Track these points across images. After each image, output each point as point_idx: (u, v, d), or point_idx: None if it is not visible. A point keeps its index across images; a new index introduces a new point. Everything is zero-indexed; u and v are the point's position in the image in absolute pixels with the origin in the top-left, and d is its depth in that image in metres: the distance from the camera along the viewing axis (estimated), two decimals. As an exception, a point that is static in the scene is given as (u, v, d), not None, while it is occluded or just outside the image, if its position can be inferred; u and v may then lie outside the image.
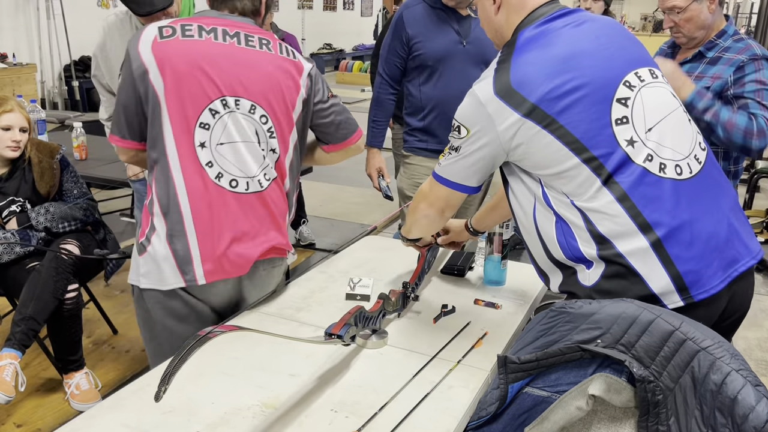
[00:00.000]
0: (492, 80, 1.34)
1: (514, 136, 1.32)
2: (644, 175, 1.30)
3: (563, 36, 1.36)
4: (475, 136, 1.37)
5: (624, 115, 1.32)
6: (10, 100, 2.53)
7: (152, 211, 1.63)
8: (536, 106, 1.29)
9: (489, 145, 1.37)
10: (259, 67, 1.62)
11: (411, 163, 2.81)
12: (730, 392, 1.07)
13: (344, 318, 1.38)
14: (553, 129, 1.30)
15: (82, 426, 1.26)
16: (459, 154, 1.42)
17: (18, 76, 7.07)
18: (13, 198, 2.53)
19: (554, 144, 1.30)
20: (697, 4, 2.17)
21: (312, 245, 4.36)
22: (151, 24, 1.62)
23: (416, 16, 2.60)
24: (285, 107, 1.67)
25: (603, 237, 1.31)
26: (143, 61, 1.56)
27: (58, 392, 2.61)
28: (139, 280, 1.66)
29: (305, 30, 12.73)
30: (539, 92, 1.30)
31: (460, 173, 1.45)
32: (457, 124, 1.41)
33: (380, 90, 2.75)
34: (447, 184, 1.48)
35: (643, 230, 1.29)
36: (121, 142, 1.67)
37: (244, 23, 1.65)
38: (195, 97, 1.57)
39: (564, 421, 1.19)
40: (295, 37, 4.22)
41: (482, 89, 1.35)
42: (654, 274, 1.29)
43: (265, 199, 1.67)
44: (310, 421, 1.27)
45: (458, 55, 2.59)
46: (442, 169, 1.48)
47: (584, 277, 1.35)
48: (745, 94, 2.12)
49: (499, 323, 1.68)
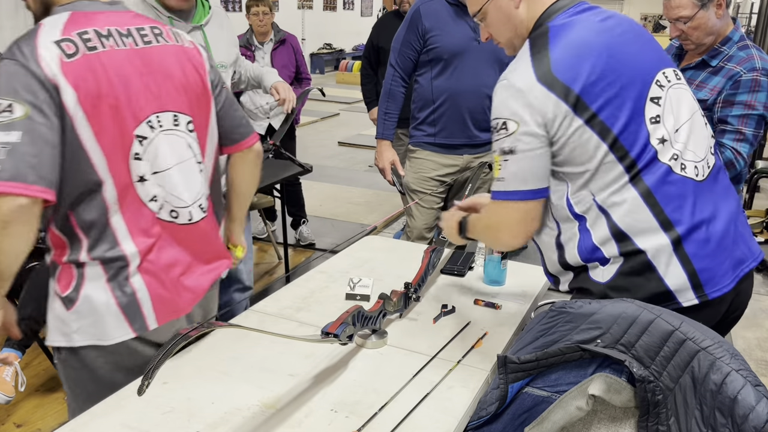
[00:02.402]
0: (531, 68, 1.28)
1: (559, 127, 1.28)
2: (668, 173, 1.32)
3: (595, 29, 1.34)
4: (527, 126, 1.28)
5: (657, 114, 1.33)
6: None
7: (78, 259, 1.37)
8: (579, 97, 1.26)
9: (540, 137, 1.29)
10: (163, 66, 1.41)
11: (418, 158, 2.81)
12: (730, 392, 1.07)
13: (342, 317, 1.37)
14: (594, 124, 1.28)
15: (82, 426, 1.26)
16: (517, 154, 1.29)
17: (18, 76, 7.06)
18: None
19: (593, 140, 1.28)
20: (704, 11, 2.12)
21: (312, 245, 4.36)
22: (40, 35, 1.27)
23: (433, 10, 2.62)
24: (201, 102, 1.48)
25: (624, 234, 1.31)
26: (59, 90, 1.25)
27: (58, 392, 2.61)
28: (71, 337, 1.39)
29: (305, 30, 12.73)
30: (581, 81, 1.26)
31: (531, 174, 1.31)
32: (501, 122, 1.30)
33: (393, 82, 2.75)
34: (521, 196, 1.32)
35: (664, 228, 1.31)
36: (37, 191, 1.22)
37: (123, 12, 1.40)
38: (123, 126, 1.34)
39: (564, 421, 1.19)
40: (295, 37, 4.22)
41: (520, 77, 1.28)
42: (671, 272, 1.31)
43: (208, 223, 1.54)
44: (309, 421, 1.27)
45: (472, 51, 2.60)
46: (507, 183, 1.32)
47: (598, 274, 1.35)
48: (729, 118, 2.11)
49: (499, 323, 1.68)
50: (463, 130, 2.70)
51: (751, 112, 2.09)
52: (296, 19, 12.43)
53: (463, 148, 2.73)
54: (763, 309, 3.54)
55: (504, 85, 1.30)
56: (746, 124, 2.10)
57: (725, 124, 2.12)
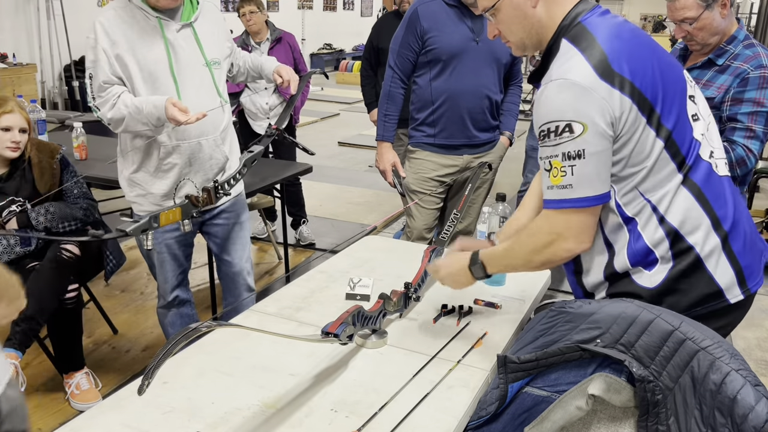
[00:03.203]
0: (587, 64, 1.22)
1: (624, 124, 1.23)
2: (710, 170, 1.34)
3: (628, 28, 1.32)
4: (597, 127, 1.20)
5: (696, 112, 1.35)
6: (9, 101, 2.53)
7: None
8: (641, 92, 1.23)
9: (609, 137, 1.22)
10: None
11: (417, 158, 2.81)
12: (729, 392, 1.07)
13: (342, 317, 1.38)
14: (653, 121, 1.26)
15: (82, 426, 1.26)
16: (586, 158, 1.21)
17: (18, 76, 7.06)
18: (13, 198, 2.53)
19: (650, 137, 1.27)
20: (709, 11, 2.12)
21: (312, 245, 4.36)
22: None
23: (431, 11, 2.62)
24: None
25: (678, 233, 1.31)
26: None
27: (58, 392, 2.61)
28: None
29: (305, 30, 12.73)
30: (639, 76, 1.23)
31: (598, 178, 1.24)
32: (563, 124, 1.21)
33: (392, 84, 2.75)
34: (590, 203, 1.25)
35: (714, 225, 1.33)
36: None
37: None
38: None
39: (564, 420, 1.19)
40: (292, 35, 4.22)
41: (580, 74, 1.21)
42: (720, 270, 1.33)
43: None
44: (310, 420, 1.27)
45: (471, 52, 2.60)
46: (574, 190, 1.24)
47: (645, 280, 1.34)
48: (738, 116, 2.11)
49: (499, 323, 1.68)
50: (462, 130, 2.70)
51: (760, 109, 2.10)
52: (296, 19, 12.44)
53: (462, 148, 2.74)
54: (763, 309, 3.54)
55: (562, 85, 1.21)
56: (756, 121, 2.11)
57: (735, 122, 2.13)
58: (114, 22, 2.04)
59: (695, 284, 1.32)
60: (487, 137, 2.78)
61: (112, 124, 2.06)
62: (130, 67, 2.04)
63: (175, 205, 1.69)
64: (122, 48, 2.02)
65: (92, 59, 2.04)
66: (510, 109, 2.85)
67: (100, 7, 8.18)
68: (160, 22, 2.06)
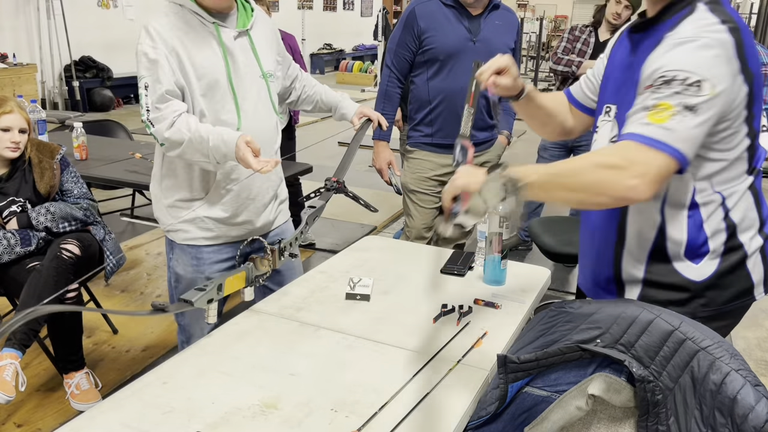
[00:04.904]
0: (730, 38, 1.19)
1: (735, 108, 1.22)
2: (760, 172, 1.38)
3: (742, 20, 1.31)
4: (719, 99, 1.17)
5: (764, 123, 1.39)
6: (9, 101, 2.53)
7: None
8: (752, 87, 1.22)
9: (721, 112, 1.19)
10: None
11: (415, 158, 2.81)
12: (729, 392, 1.07)
13: None
14: (749, 117, 1.27)
15: (82, 426, 1.26)
16: (698, 117, 1.15)
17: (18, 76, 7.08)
18: (14, 198, 2.53)
19: (742, 131, 1.28)
20: None
21: (312, 245, 4.37)
22: None
23: (429, 11, 2.62)
24: None
25: (735, 229, 1.35)
26: None
27: (58, 392, 2.61)
28: None
29: (305, 30, 12.74)
30: (756, 68, 1.22)
31: (691, 140, 1.17)
32: (695, 78, 1.15)
33: (389, 83, 2.76)
34: (672, 152, 1.15)
35: (760, 227, 1.38)
36: None
37: None
38: None
39: (564, 420, 1.19)
40: (292, 36, 4.21)
41: (725, 44, 1.18)
42: (756, 268, 1.39)
43: None
44: (310, 420, 1.27)
45: (468, 52, 2.61)
46: (670, 133, 1.15)
47: (691, 272, 1.37)
48: None
49: (499, 323, 1.68)
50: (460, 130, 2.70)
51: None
52: (296, 20, 12.44)
53: None
54: (763, 309, 3.54)
55: (708, 44, 1.17)
56: None
57: None
58: (167, 27, 1.82)
59: (735, 281, 1.37)
60: (485, 136, 2.78)
61: (167, 145, 1.81)
62: (189, 77, 1.83)
63: (239, 269, 1.55)
64: (182, 56, 1.81)
65: (148, 67, 1.79)
66: (508, 109, 2.86)
67: (100, 7, 8.18)
68: (218, 28, 1.86)
